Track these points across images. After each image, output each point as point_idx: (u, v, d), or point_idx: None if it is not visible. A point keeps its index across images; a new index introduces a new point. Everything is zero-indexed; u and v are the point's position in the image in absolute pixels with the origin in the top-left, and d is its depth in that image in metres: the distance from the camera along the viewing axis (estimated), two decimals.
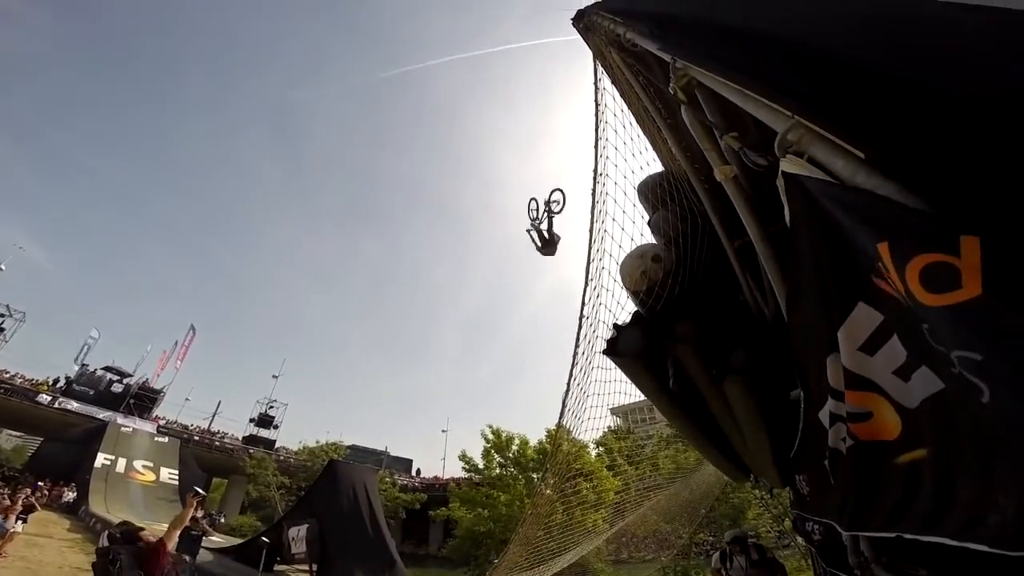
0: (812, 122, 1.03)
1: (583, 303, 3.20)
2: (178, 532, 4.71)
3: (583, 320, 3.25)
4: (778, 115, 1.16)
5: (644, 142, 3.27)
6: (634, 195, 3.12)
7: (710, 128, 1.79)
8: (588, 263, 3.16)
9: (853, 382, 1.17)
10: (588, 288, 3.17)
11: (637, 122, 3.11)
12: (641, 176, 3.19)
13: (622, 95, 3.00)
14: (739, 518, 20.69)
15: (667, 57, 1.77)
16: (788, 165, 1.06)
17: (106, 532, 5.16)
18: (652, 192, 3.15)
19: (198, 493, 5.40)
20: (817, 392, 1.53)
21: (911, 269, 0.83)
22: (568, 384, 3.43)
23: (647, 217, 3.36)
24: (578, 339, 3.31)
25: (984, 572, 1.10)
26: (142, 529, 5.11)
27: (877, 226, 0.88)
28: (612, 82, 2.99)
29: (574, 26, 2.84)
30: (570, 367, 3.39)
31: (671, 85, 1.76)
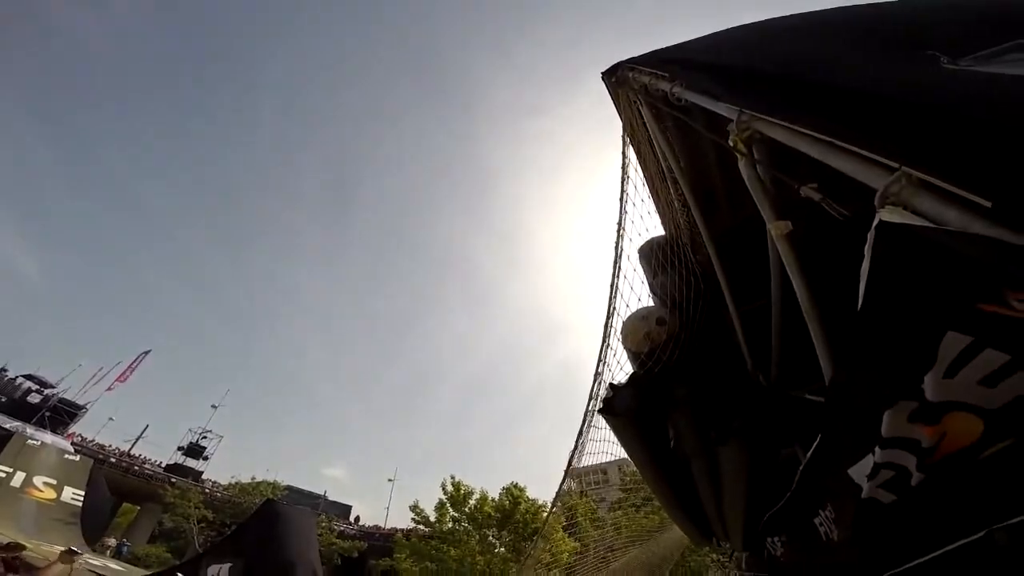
0: (923, 172, 1.07)
1: (598, 360, 3.10)
2: None
3: (597, 377, 3.14)
4: (873, 167, 1.20)
5: (649, 206, 3.35)
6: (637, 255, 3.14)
7: (763, 182, 1.84)
8: (607, 319, 3.10)
9: (928, 414, 1.22)
10: (604, 346, 3.09)
11: (647, 183, 3.20)
12: (646, 238, 3.24)
13: (638, 155, 3.10)
14: None
15: (731, 109, 1.82)
16: (888, 215, 1.09)
17: None
18: (655, 256, 3.20)
19: (73, 552, 5.14)
20: (854, 449, 1.59)
21: None
22: (576, 442, 3.27)
23: (645, 280, 3.40)
24: (591, 396, 3.19)
25: None
26: (23, 547, 4.77)
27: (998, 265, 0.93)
28: (631, 142, 3.08)
29: (605, 80, 2.92)
30: (580, 424, 3.24)
31: (731, 138, 1.79)
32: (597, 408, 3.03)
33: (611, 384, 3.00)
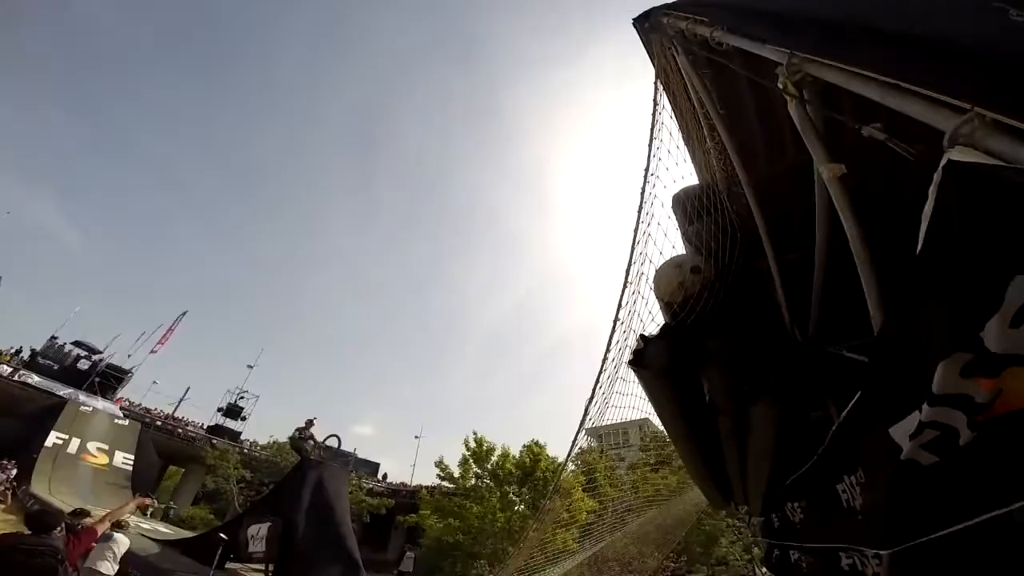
0: (997, 112, 1.01)
1: (619, 306, 3.10)
2: (108, 523, 4.68)
3: (616, 324, 3.14)
4: (941, 108, 1.15)
5: (684, 153, 3.24)
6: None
7: (815, 125, 1.78)
8: (629, 265, 3.07)
9: (987, 366, 1.15)
10: (626, 291, 3.07)
11: (682, 131, 3.08)
12: (682, 185, 3.15)
13: (672, 103, 2.97)
14: (712, 546, 20.73)
15: (779, 52, 1.77)
16: (958, 155, 1.04)
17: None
18: (690, 204, 3.11)
19: (148, 495, 5.51)
20: (899, 405, 1.52)
21: None
22: (593, 391, 3.31)
23: (678, 228, 3.32)
24: (609, 344, 3.20)
25: None
26: (88, 513, 5.10)
27: None
28: (665, 89, 2.96)
29: (636, 26, 2.81)
30: (597, 373, 3.26)
31: (780, 80, 1.75)
32: (627, 360, 3.03)
33: (642, 335, 2.99)
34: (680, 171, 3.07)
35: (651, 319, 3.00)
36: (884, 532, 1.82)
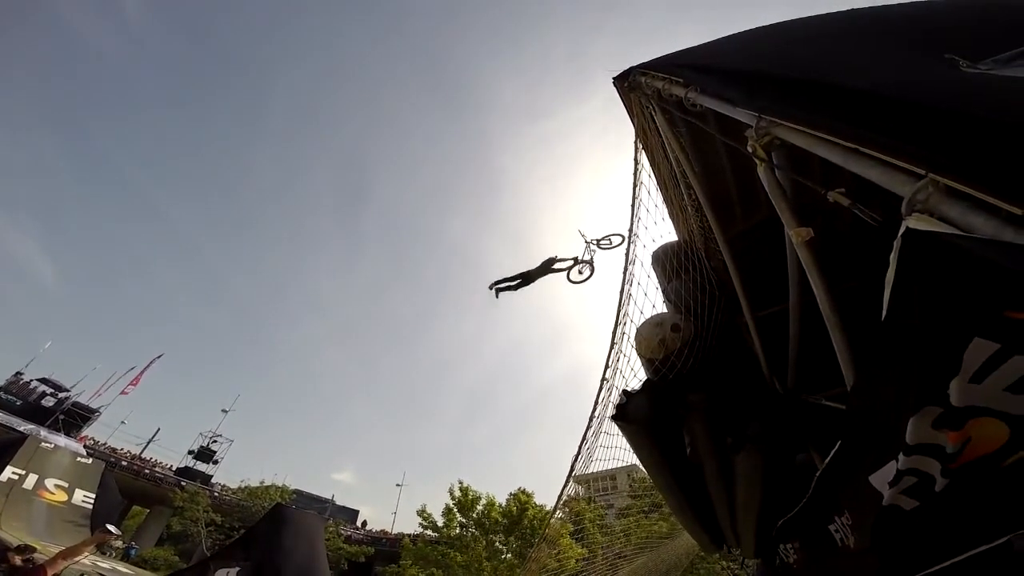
0: (950, 179, 1.05)
1: (606, 366, 3.10)
2: (67, 562, 4.37)
3: (603, 383, 3.13)
4: (899, 173, 1.18)
5: (663, 211, 3.34)
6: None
7: (783, 188, 1.84)
8: (615, 325, 3.08)
9: (952, 420, 1.21)
10: (612, 351, 3.07)
11: (660, 189, 3.18)
12: (661, 243, 3.22)
13: (651, 160, 3.08)
14: None
15: (749, 115, 1.79)
16: (915, 222, 1.07)
17: None
18: (669, 261, 3.17)
19: (108, 531, 4.99)
20: (876, 455, 1.58)
21: None
22: (579, 447, 3.26)
23: (658, 287, 3.37)
24: (596, 401, 3.18)
25: None
26: (34, 549, 4.72)
27: None
28: (644, 147, 3.07)
29: (617, 85, 2.91)
30: (584, 429, 3.22)
31: (749, 144, 1.77)
32: (610, 415, 3.00)
33: (624, 390, 2.98)
34: (659, 229, 3.16)
35: (633, 375, 3.00)
36: (878, 570, 1.87)
